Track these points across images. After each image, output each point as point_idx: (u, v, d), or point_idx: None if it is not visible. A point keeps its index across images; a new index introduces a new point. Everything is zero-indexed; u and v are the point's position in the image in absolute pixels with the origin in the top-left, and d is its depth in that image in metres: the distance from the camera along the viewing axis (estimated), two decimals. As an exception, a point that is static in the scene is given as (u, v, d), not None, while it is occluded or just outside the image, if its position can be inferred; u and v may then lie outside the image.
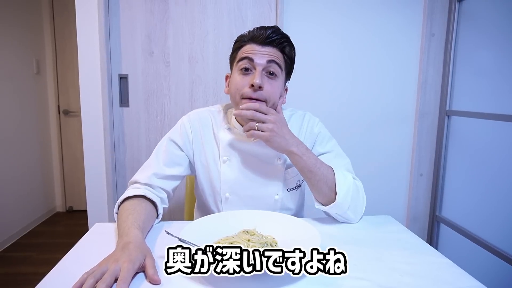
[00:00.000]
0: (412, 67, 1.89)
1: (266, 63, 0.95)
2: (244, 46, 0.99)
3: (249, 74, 0.96)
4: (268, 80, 0.96)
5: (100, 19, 1.69)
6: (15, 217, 2.80)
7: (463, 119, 1.78)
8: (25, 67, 2.94)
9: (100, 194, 1.81)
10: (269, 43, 0.96)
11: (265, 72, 0.96)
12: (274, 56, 0.97)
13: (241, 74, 0.97)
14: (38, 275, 0.75)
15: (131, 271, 0.66)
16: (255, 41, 0.97)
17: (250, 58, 0.95)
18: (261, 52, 0.96)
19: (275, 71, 0.97)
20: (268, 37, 0.96)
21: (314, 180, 0.96)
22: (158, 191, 1.01)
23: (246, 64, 0.96)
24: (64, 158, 3.39)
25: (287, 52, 1.00)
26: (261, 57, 0.95)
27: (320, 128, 1.10)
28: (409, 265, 0.77)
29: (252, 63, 0.96)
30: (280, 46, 0.98)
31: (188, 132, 1.07)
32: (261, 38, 0.96)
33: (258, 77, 0.94)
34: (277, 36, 0.96)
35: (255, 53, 0.96)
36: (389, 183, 1.97)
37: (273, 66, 0.96)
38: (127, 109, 1.82)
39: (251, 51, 0.96)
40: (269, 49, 0.96)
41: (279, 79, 0.99)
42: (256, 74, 0.94)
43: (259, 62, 0.95)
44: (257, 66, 0.95)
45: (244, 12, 1.78)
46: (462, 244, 1.74)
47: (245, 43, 0.99)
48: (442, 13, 1.83)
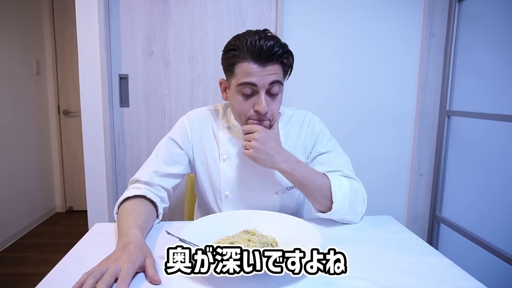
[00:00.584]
0: (412, 67, 1.89)
1: (269, 85, 0.92)
2: (242, 62, 0.91)
3: (251, 96, 0.94)
4: (271, 101, 0.94)
5: (100, 20, 1.69)
6: (15, 218, 2.80)
7: (463, 119, 1.78)
8: (25, 68, 2.94)
9: (100, 194, 1.81)
10: (271, 60, 0.90)
11: (268, 92, 0.93)
12: (276, 74, 0.92)
13: (243, 98, 0.94)
14: (38, 276, 0.75)
15: (131, 271, 0.66)
16: (254, 59, 0.90)
17: (253, 83, 0.91)
18: (263, 74, 0.90)
19: (277, 90, 0.94)
20: (269, 55, 0.89)
21: (309, 192, 0.96)
22: (158, 189, 1.01)
23: (248, 90, 0.92)
24: (64, 158, 3.39)
25: (286, 63, 0.95)
26: (264, 79, 0.91)
27: (321, 128, 1.10)
28: (410, 265, 0.77)
29: (255, 87, 0.92)
30: (280, 59, 0.92)
31: (188, 131, 1.07)
32: (262, 57, 0.89)
33: (263, 104, 0.91)
34: (278, 52, 0.90)
35: (256, 76, 0.90)
36: (389, 183, 1.97)
37: (275, 86, 0.93)
38: (127, 109, 1.82)
39: (251, 73, 0.90)
40: (270, 68, 0.91)
41: (281, 92, 0.97)
42: (261, 100, 0.91)
43: (261, 85, 0.91)
44: (260, 89, 0.91)
45: (244, 12, 1.79)
46: (462, 244, 1.74)
47: (243, 59, 0.91)
48: (442, 13, 1.83)
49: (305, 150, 1.09)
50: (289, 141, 1.08)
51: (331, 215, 0.96)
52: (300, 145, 1.08)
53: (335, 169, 1.03)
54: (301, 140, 1.09)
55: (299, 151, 1.08)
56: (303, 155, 1.09)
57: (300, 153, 1.08)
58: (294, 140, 1.08)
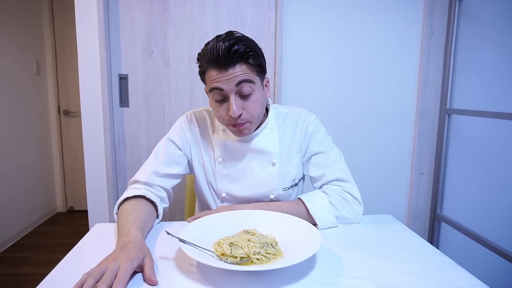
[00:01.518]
0: (412, 66, 1.89)
1: (236, 87, 0.89)
2: (206, 71, 0.91)
3: (225, 101, 0.92)
4: (244, 102, 0.92)
5: (100, 20, 1.69)
6: (16, 218, 2.80)
7: (464, 118, 1.78)
8: (25, 68, 2.94)
9: (100, 194, 1.81)
10: (231, 63, 0.87)
11: (239, 94, 0.91)
12: (241, 75, 0.88)
13: (217, 104, 0.93)
14: (39, 276, 0.75)
15: (129, 269, 0.66)
16: (215, 66, 0.88)
17: (219, 88, 0.89)
18: (226, 78, 0.88)
19: (248, 89, 0.90)
20: (227, 57, 0.86)
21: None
22: (158, 190, 1.01)
23: (218, 95, 0.91)
24: (64, 158, 3.39)
25: (252, 62, 0.90)
26: (229, 83, 0.88)
27: (315, 127, 1.08)
28: (410, 264, 0.77)
29: (223, 92, 0.90)
30: (243, 59, 0.88)
31: (186, 131, 1.07)
32: (220, 61, 0.86)
33: (234, 108, 0.89)
34: (237, 53, 0.87)
35: (220, 81, 0.88)
36: (390, 182, 1.97)
37: (244, 87, 0.89)
38: (127, 109, 1.82)
39: (216, 79, 0.89)
40: (233, 70, 0.87)
41: (256, 92, 0.93)
42: (231, 104, 0.90)
43: (227, 89, 0.89)
44: (229, 93, 0.90)
45: (243, 11, 1.78)
46: (463, 243, 1.74)
47: (206, 67, 0.91)
48: (442, 11, 1.83)
49: (300, 150, 1.09)
50: (284, 141, 1.07)
51: (323, 227, 0.96)
52: (295, 144, 1.08)
53: (328, 170, 1.04)
54: (296, 140, 1.07)
55: (294, 151, 1.08)
56: (298, 155, 1.08)
57: (295, 153, 1.08)
58: (289, 140, 1.07)
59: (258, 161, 1.05)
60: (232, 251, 0.74)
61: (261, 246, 0.76)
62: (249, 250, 0.73)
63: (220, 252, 0.75)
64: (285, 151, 1.06)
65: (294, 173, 1.07)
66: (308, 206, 0.96)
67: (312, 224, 0.91)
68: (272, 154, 1.04)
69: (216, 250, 0.76)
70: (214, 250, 0.76)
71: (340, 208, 0.98)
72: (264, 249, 0.75)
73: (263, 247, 0.75)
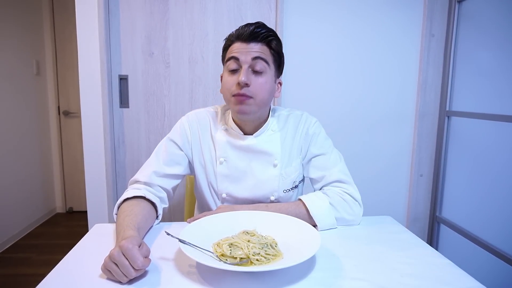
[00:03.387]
0: (412, 68, 1.89)
1: (251, 60, 0.96)
2: (232, 45, 1.00)
3: (237, 73, 0.98)
4: (254, 77, 0.97)
5: (100, 20, 1.69)
6: (15, 218, 2.80)
7: (463, 120, 1.78)
8: (25, 68, 2.94)
9: (100, 195, 1.81)
10: (254, 38, 0.97)
11: (252, 69, 0.97)
12: (259, 52, 0.97)
13: (230, 74, 0.99)
14: (38, 276, 0.75)
15: (132, 245, 0.68)
16: (240, 39, 0.98)
17: (236, 57, 0.97)
18: (246, 50, 0.96)
19: (261, 67, 0.97)
20: (252, 33, 0.96)
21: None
22: (158, 190, 1.02)
23: (233, 64, 0.98)
24: (64, 159, 3.39)
25: (274, 46, 1.00)
26: (246, 55, 0.96)
27: (316, 129, 1.09)
28: (410, 265, 0.77)
29: (238, 62, 0.97)
30: (265, 40, 0.98)
31: (187, 132, 1.08)
32: (245, 35, 0.97)
33: (244, 75, 0.95)
34: (261, 31, 0.97)
35: (240, 51, 0.97)
36: (389, 184, 1.97)
37: (259, 63, 0.97)
38: (127, 110, 1.82)
39: (237, 49, 0.97)
40: (254, 45, 0.97)
41: (267, 75, 0.99)
42: (242, 71, 0.96)
43: (244, 60, 0.96)
44: (243, 64, 0.96)
45: (244, 12, 1.79)
46: (462, 245, 1.74)
47: (232, 42, 1.00)
48: (442, 13, 1.83)
49: (300, 152, 1.09)
50: (285, 143, 1.08)
51: (323, 229, 0.97)
52: (296, 147, 1.08)
53: (328, 172, 1.04)
54: (297, 142, 1.08)
55: (294, 153, 1.08)
56: (298, 157, 1.09)
57: (296, 155, 1.08)
58: (290, 142, 1.08)
59: (260, 162, 1.05)
60: (231, 252, 0.74)
61: (261, 247, 0.76)
62: (249, 251, 0.74)
63: (220, 253, 0.75)
64: (286, 153, 1.07)
65: (294, 175, 1.08)
66: (309, 207, 0.96)
67: (312, 225, 0.91)
68: (273, 156, 1.05)
69: (215, 250, 0.76)
70: (214, 251, 0.76)
71: (340, 209, 0.98)
72: (264, 250, 0.75)
73: (262, 248, 0.76)
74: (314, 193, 1.03)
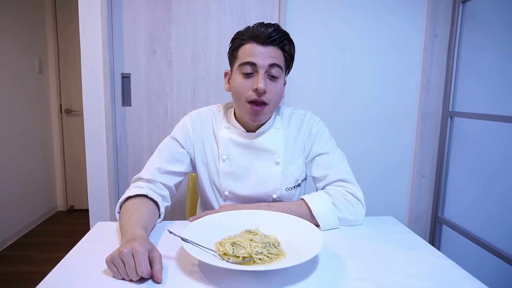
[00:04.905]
0: (415, 68, 1.89)
1: (268, 67, 0.95)
2: (244, 44, 0.97)
3: (252, 77, 0.96)
4: (270, 83, 0.97)
5: (103, 19, 1.69)
6: (17, 216, 2.80)
7: (466, 120, 1.78)
8: (28, 66, 2.94)
9: (102, 193, 1.81)
10: (270, 42, 0.95)
11: (267, 74, 0.96)
12: (276, 57, 0.96)
13: (244, 77, 0.97)
14: (40, 274, 0.75)
15: (143, 251, 0.68)
16: (256, 40, 0.95)
17: (253, 62, 0.94)
18: (262, 54, 0.94)
19: (277, 73, 0.97)
20: (269, 37, 0.94)
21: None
22: (160, 188, 1.02)
23: (248, 68, 0.96)
24: (66, 157, 3.40)
25: (287, 50, 0.99)
26: (263, 59, 0.94)
27: (319, 128, 1.09)
28: (412, 266, 0.76)
29: (255, 67, 0.95)
30: (281, 44, 0.97)
31: (189, 130, 1.08)
32: (262, 37, 0.94)
33: (262, 82, 0.94)
34: (278, 35, 0.95)
35: (256, 55, 0.94)
36: (392, 184, 1.96)
37: (275, 69, 0.96)
38: (129, 108, 1.82)
39: (252, 53, 0.95)
40: (270, 50, 0.95)
41: (281, 79, 1.00)
42: (260, 78, 0.94)
43: (261, 65, 0.94)
44: (260, 69, 0.95)
45: (247, 11, 1.78)
46: (464, 246, 1.73)
47: (245, 41, 0.97)
48: (446, 14, 1.83)
49: (303, 151, 1.09)
50: (288, 141, 1.08)
51: (325, 228, 0.96)
52: (299, 145, 1.09)
53: (331, 171, 1.04)
54: (300, 141, 1.09)
55: (297, 152, 1.08)
56: (301, 156, 1.09)
57: (299, 154, 1.08)
58: (293, 140, 1.08)
59: (262, 160, 1.05)
60: (234, 251, 0.74)
61: (264, 246, 0.76)
62: (251, 250, 0.73)
63: (222, 252, 0.74)
64: (289, 151, 1.07)
65: (297, 174, 1.07)
66: (311, 207, 0.96)
67: (314, 225, 0.90)
68: (276, 153, 1.05)
69: (218, 249, 0.76)
70: (216, 250, 0.76)
71: (343, 209, 0.98)
72: (267, 249, 0.75)
73: (265, 247, 0.75)
74: (317, 192, 1.02)
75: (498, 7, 1.62)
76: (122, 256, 0.67)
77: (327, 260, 0.77)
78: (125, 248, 0.68)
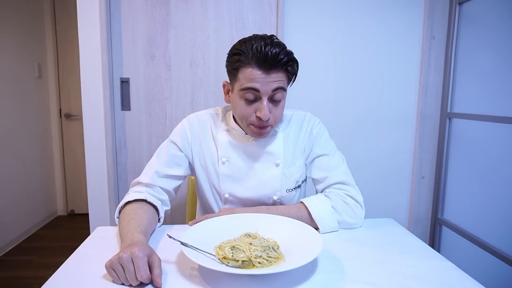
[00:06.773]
0: (413, 70, 1.89)
1: (272, 92, 0.92)
2: (246, 67, 0.91)
3: (254, 102, 0.94)
4: (273, 107, 0.95)
5: (102, 23, 1.70)
6: (17, 221, 2.80)
7: (465, 122, 1.78)
8: (27, 71, 2.95)
9: (101, 198, 1.81)
10: (275, 68, 0.90)
11: (270, 98, 0.94)
12: (279, 81, 0.92)
13: (246, 103, 0.95)
14: (40, 279, 0.75)
15: (142, 256, 0.68)
16: (258, 65, 0.90)
17: (255, 89, 0.91)
18: (266, 80, 0.90)
19: (281, 96, 0.95)
20: (273, 64, 0.89)
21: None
22: (159, 192, 1.02)
23: (251, 96, 0.93)
24: (65, 161, 3.40)
25: (291, 70, 0.95)
26: (267, 86, 0.91)
27: (319, 130, 1.10)
28: (412, 268, 0.76)
29: (257, 93, 0.92)
30: (284, 67, 0.92)
31: (188, 134, 1.08)
32: (266, 65, 0.89)
33: (266, 110, 0.92)
34: (282, 60, 0.90)
35: (259, 81, 0.90)
36: (391, 186, 1.96)
37: (278, 93, 0.93)
38: (128, 113, 1.82)
39: (255, 79, 0.90)
40: (275, 75, 0.91)
41: (284, 98, 0.98)
42: (263, 107, 0.92)
43: (264, 91, 0.91)
44: (263, 96, 0.92)
45: (245, 15, 1.79)
46: (464, 247, 1.73)
47: (247, 64, 0.91)
48: (443, 15, 1.83)
49: (304, 152, 1.09)
50: (288, 142, 1.08)
51: (325, 231, 0.96)
52: (299, 147, 1.09)
53: (331, 173, 1.04)
54: (300, 142, 1.09)
55: (298, 153, 1.09)
56: (301, 157, 1.09)
57: (299, 155, 1.09)
58: (293, 142, 1.09)
59: (262, 161, 1.05)
60: (233, 255, 0.74)
61: (263, 250, 0.76)
62: (251, 254, 0.74)
63: (222, 256, 0.75)
64: (289, 152, 1.07)
65: (297, 175, 1.08)
66: (311, 210, 0.96)
67: (314, 228, 0.91)
68: (276, 155, 1.05)
69: (217, 253, 0.76)
70: (216, 254, 0.76)
71: (342, 212, 0.98)
72: (266, 253, 0.75)
73: (264, 251, 0.75)
74: (316, 196, 1.03)
75: (494, 8, 1.63)
76: (121, 261, 0.67)
77: (326, 263, 0.78)
78: (124, 253, 0.68)
